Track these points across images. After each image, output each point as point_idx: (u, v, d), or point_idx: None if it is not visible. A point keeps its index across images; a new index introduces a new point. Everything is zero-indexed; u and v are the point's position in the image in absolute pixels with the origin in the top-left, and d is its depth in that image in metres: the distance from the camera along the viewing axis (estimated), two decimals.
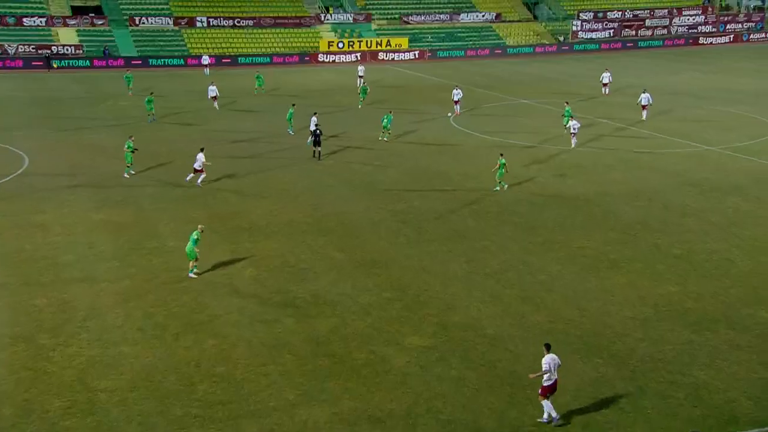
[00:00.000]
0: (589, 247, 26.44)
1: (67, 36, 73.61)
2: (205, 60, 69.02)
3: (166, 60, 73.53)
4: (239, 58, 75.09)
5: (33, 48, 70.19)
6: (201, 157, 33.30)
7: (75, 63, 70.73)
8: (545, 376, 16.14)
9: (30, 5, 75.55)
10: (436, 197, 32.34)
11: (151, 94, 48.24)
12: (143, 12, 78.60)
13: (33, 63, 68.89)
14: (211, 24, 79.69)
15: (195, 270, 24.09)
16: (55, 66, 68.30)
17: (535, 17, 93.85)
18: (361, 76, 59.00)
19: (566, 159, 38.52)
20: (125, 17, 77.52)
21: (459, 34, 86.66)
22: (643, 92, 47.99)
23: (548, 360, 16.20)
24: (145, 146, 40.98)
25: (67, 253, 25.82)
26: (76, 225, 28.60)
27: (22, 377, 18.03)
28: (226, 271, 24.51)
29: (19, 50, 69.53)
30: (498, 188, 32.73)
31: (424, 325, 20.65)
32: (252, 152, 39.88)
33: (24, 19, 73.21)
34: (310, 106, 51.65)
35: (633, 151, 40.28)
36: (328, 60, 78.64)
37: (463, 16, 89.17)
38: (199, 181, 33.30)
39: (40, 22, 73.84)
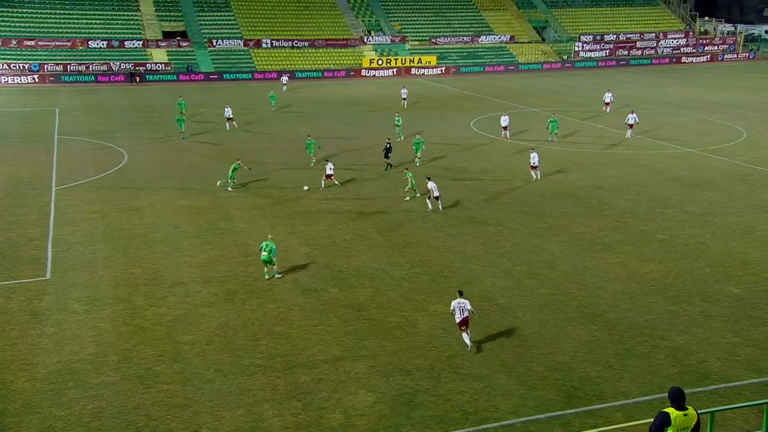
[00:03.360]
0: (587, 232, 26.01)
1: (158, 55, 74.57)
2: (285, 79, 66.08)
3: (237, 74, 74.08)
4: (297, 73, 75.34)
5: (132, 65, 71.22)
6: (330, 165, 31.47)
7: (164, 77, 71.61)
8: (456, 315, 17.18)
9: (130, 31, 76.67)
10: (458, 189, 32.07)
11: (182, 114, 44.89)
12: (219, 35, 79.19)
13: (132, 77, 69.82)
14: (274, 45, 79.95)
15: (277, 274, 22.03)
16: (137, 80, 69.02)
17: (543, 39, 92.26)
18: (404, 98, 54.36)
19: (568, 157, 37.89)
20: (205, 40, 78.16)
21: (479, 53, 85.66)
22: (631, 112, 43.42)
23: (453, 303, 17.31)
24: (219, 146, 41.40)
25: (157, 232, 26.22)
26: (164, 209, 29.01)
27: (122, 331, 18.40)
28: (284, 248, 24.66)
29: (121, 67, 70.59)
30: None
31: (446, 296, 20.54)
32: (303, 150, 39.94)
33: (125, 42, 74.37)
34: (357, 112, 51.66)
35: (625, 151, 39.44)
36: (369, 75, 78.49)
37: (482, 38, 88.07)
38: (322, 185, 31.19)
39: (138, 44, 74.93)
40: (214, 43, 77.86)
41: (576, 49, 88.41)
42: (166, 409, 14.97)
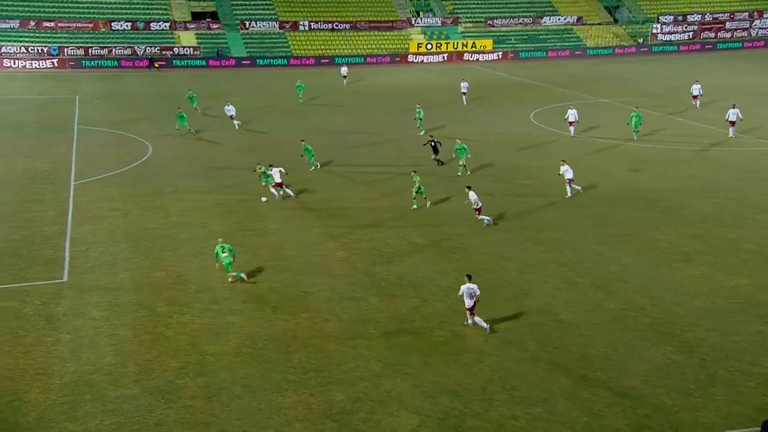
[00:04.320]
0: (662, 240, 25.45)
1: (186, 38, 76.08)
2: (345, 70, 61.87)
3: (272, 60, 75.04)
4: (336, 59, 75.83)
5: (157, 49, 72.86)
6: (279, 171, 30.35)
7: (193, 63, 73.06)
8: (466, 301, 18.90)
9: (156, 11, 78.44)
10: (514, 190, 31.79)
11: (179, 109, 43.74)
12: (253, 17, 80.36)
13: (157, 62, 71.45)
14: (312, 27, 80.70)
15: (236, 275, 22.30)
16: (156, 66, 70.48)
17: (615, 20, 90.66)
18: (464, 93, 52.38)
19: (642, 154, 37.15)
20: (237, 21, 79.44)
21: (541, 36, 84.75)
22: (732, 107, 41.11)
23: (463, 288, 18.94)
24: (248, 139, 41.99)
25: (182, 232, 26.75)
26: (191, 207, 29.58)
27: (143, 340, 18.84)
28: (320, 251, 24.86)
29: (146, 51, 72.29)
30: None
31: (500, 308, 20.39)
32: (345, 144, 40.21)
33: (151, 24, 76.09)
34: (403, 102, 51.77)
35: (708, 147, 38.44)
36: (417, 60, 78.45)
37: (545, 19, 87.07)
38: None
39: (165, 26, 76.57)
40: (247, 26, 79.07)
41: (653, 31, 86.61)
42: (189, 427, 15.27)
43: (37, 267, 23.31)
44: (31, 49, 68.78)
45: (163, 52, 72.65)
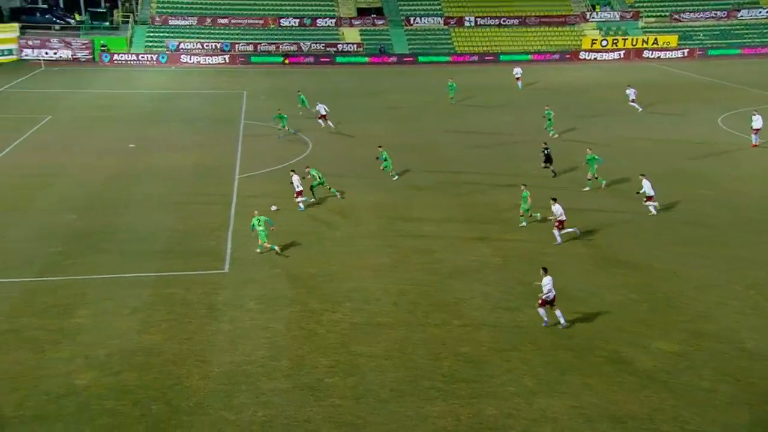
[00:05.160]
0: None
1: (350, 35, 78.72)
2: (518, 72, 58.69)
3: (433, 57, 75.78)
4: (501, 56, 75.18)
5: (322, 46, 75.99)
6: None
7: (354, 59, 75.45)
8: (546, 293, 19.52)
9: (324, 8, 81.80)
10: (694, 199, 29.89)
11: (279, 110, 43.29)
12: (418, 12, 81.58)
13: (321, 59, 74.57)
14: (478, 23, 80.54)
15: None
16: (286, 62, 73.28)
17: None
18: (632, 101, 48.49)
19: None
20: (402, 18, 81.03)
21: (736, 31, 78.89)
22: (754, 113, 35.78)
23: (546, 281, 19.46)
24: (397, 133, 42.59)
25: (336, 230, 27.69)
26: (346, 205, 30.55)
27: (296, 335, 19.74)
28: (474, 257, 24.78)
29: (311, 47, 75.68)
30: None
31: (673, 331, 19.25)
32: (497, 145, 39.75)
33: (317, 20, 79.57)
34: (563, 102, 50.47)
35: None
36: (589, 58, 75.88)
37: (743, 12, 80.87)
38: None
39: (330, 23, 79.75)
40: (411, 22, 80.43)
41: None
42: (337, 427, 15.79)
43: (202, 257, 25.10)
44: (206, 46, 74.16)
45: (327, 49, 75.61)
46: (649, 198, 28.31)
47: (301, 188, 29.94)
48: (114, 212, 29.20)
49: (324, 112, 44.31)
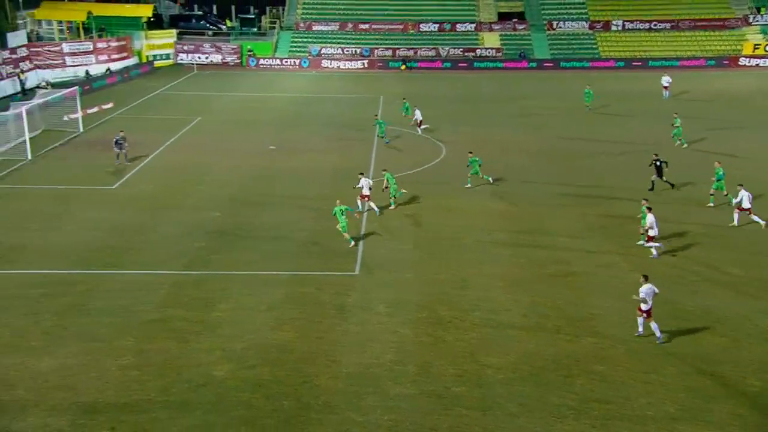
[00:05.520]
0: None
1: (490, 40, 78.24)
2: (666, 80, 55.92)
3: (575, 63, 73.88)
4: (650, 62, 72.11)
5: (460, 51, 76.03)
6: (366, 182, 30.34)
7: (492, 65, 74.91)
8: (643, 304, 19.16)
9: (464, 13, 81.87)
10: None
11: (376, 116, 44.00)
12: (561, 17, 79.86)
13: (459, 64, 74.61)
14: (626, 27, 77.68)
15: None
16: (403, 69, 73.25)
17: None
18: None
19: None
20: (544, 22, 79.62)
21: None
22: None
23: (644, 290, 19.06)
24: (535, 139, 41.80)
25: (467, 236, 27.61)
26: (477, 212, 30.40)
27: (423, 341, 19.84)
28: (610, 272, 23.95)
29: (450, 53, 75.90)
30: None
31: None
32: (632, 153, 38.08)
33: (457, 25, 79.74)
34: (724, 113, 47.72)
35: None
36: (750, 64, 71.19)
37: None
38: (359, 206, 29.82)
39: (470, 27, 79.69)
40: (554, 26, 78.85)
41: None
42: None
43: (335, 258, 25.78)
44: (347, 50, 76.26)
45: (466, 54, 75.56)
46: (744, 209, 27.19)
47: (368, 193, 29.98)
48: (255, 211, 30.59)
49: (420, 118, 45.00)
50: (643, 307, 19.30)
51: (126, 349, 19.29)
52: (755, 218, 27.35)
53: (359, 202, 30.30)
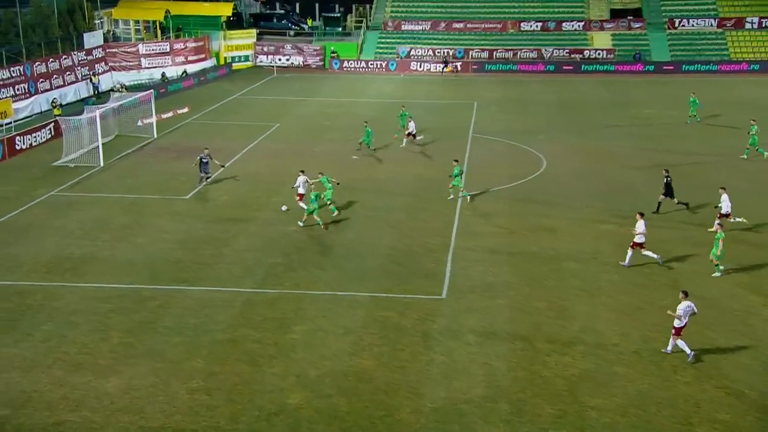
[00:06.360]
0: None
1: (600, 40, 76.89)
2: None
3: (700, 66, 71.67)
4: None
5: (566, 52, 75.00)
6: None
7: (601, 68, 73.53)
8: (676, 321, 19.91)
9: (572, 10, 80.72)
10: None
11: (366, 123, 43.20)
12: (685, 13, 77.66)
13: (564, 67, 73.60)
14: (764, 25, 74.83)
15: None
16: (448, 69, 72.58)
17: None
18: None
19: None
20: (664, 19, 77.65)
21: None
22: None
23: (682, 307, 19.86)
24: (636, 152, 40.70)
25: (570, 260, 27.10)
26: (582, 233, 29.80)
27: (518, 376, 19.55)
28: (740, 306, 23.08)
29: (553, 54, 75.00)
30: None
31: None
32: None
33: (563, 24, 78.73)
34: None
35: None
36: None
37: None
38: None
39: (578, 26, 78.56)
40: (676, 24, 76.82)
41: None
42: None
43: (418, 279, 25.78)
44: (438, 52, 76.41)
45: (572, 56, 74.53)
46: (724, 215, 28.33)
47: (303, 192, 31.69)
48: (332, 225, 30.97)
49: (413, 131, 43.90)
50: (676, 323, 19.97)
51: (196, 371, 19.82)
52: (738, 219, 29.04)
53: (300, 203, 31.73)
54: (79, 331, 22.05)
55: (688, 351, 19.92)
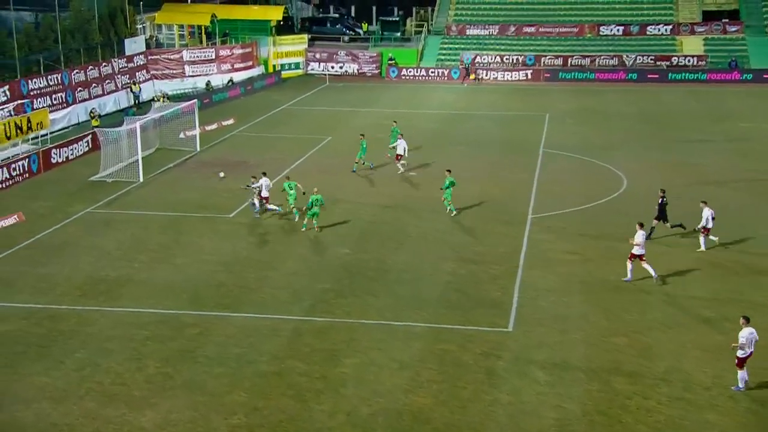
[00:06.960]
0: None
1: (690, 45, 75.59)
2: None
3: None
4: None
5: (651, 59, 73.99)
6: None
7: (690, 76, 72.32)
8: (740, 351, 19.86)
9: (658, 12, 79.57)
10: None
11: (362, 136, 42.94)
12: None
13: (648, 75, 72.59)
14: None
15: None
16: (472, 77, 72.35)
17: None
18: None
19: None
20: (765, 23, 76.06)
21: None
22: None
23: (746, 334, 19.83)
24: (736, 172, 39.84)
25: (652, 291, 26.62)
26: (668, 260, 29.14)
27: (595, 420, 19.20)
28: None
29: (636, 61, 74.07)
30: None
31: None
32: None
33: (648, 28, 77.58)
34: None
35: None
36: None
37: None
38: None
39: (665, 30, 77.27)
40: None
41: None
42: None
43: (482, 309, 25.60)
44: (506, 59, 76.17)
45: (658, 63, 73.53)
46: (704, 230, 29.73)
47: (267, 194, 34.37)
48: (387, 248, 31.01)
49: (402, 152, 42.16)
50: (740, 354, 19.97)
51: (238, 406, 19.97)
52: (712, 238, 30.01)
53: (256, 200, 34.30)
54: (114, 359, 22.42)
55: (741, 385, 20.23)
